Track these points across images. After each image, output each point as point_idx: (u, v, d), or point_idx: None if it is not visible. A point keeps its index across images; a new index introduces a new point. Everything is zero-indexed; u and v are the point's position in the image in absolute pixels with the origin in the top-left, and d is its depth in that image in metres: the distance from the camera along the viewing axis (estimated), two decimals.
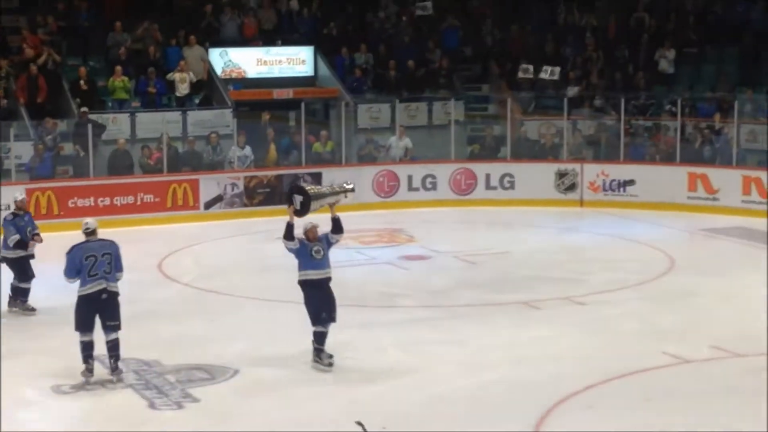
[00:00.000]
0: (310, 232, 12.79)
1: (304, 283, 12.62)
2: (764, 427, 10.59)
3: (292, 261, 12.90)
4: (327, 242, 12.84)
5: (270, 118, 25.63)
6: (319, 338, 12.54)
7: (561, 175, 24.82)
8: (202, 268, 18.76)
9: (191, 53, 26.27)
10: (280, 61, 28.23)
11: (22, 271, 15.17)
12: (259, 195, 23.76)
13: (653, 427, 10.70)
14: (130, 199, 22.73)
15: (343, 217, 21.22)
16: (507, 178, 24.92)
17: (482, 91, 29.48)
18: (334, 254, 13.20)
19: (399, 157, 25.25)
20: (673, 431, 10.60)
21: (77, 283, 12.05)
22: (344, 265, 18.07)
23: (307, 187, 13.34)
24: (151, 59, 26.07)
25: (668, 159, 24.65)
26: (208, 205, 23.14)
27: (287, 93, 27.67)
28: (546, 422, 10.84)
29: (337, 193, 13.26)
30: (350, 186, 13.52)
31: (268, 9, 28.97)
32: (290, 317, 13.54)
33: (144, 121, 24.83)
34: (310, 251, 12.61)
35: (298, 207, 12.84)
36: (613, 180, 24.48)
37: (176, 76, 25.59)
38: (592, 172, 24.66)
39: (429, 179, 24.94)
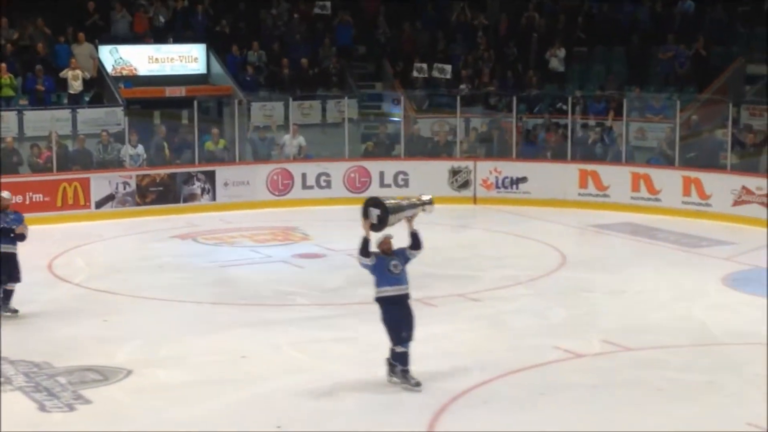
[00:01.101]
0: (385, 245, 12.02)
1: (381, 300, 11.93)
2: (657, 418, 10.82)
3: (186, 260, 12.80)
4: (404, 258, 12.11)
5: (162, 117, 25.40)
6: (402, 359, 11.81)
7: (454, 172, 25.01)
8: (93, 268, 18.46)
9: (80, 50, 25.87)
10: (172, 59, 28.00)
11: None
12: (152, 193, 23.50)
13: (548, 422, 10.82)
14: (19, 199, 22.17)
15: (237, 215, 21.27)
16: (401, 176, 25.02)
17: (376, 89, 29.57)
18: (227, 253, 13.11)
19: (293, 155, 25.17)
20: (568, 425, 10.72)
21: None
22: (238, 264, 17.99)
23: (385, 200, 12.17)
24: (38, 56, 25.60)
25: (560, 157, 24.99)
26: (100, 204, 22.82)
27: (180, 91, 27.43)
28: (441, 419, 10.89)
29: (415, 206, 12.25)
30: (428, 198, 12.40)
31: (159, 5, 28.66)
32: (183, 316, 13.40)
33: (32, 119, 24.37)
34: (387, 266, 11.92)
35: (374, 221, 11.95)
36: (506, 177, 24.74)
37: (69, 73, 25.16)
38: (485, 169, 24.90)
39: (323, 177, 24.93)
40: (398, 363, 11.78)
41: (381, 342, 13.56)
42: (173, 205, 23.60)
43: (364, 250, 11.89)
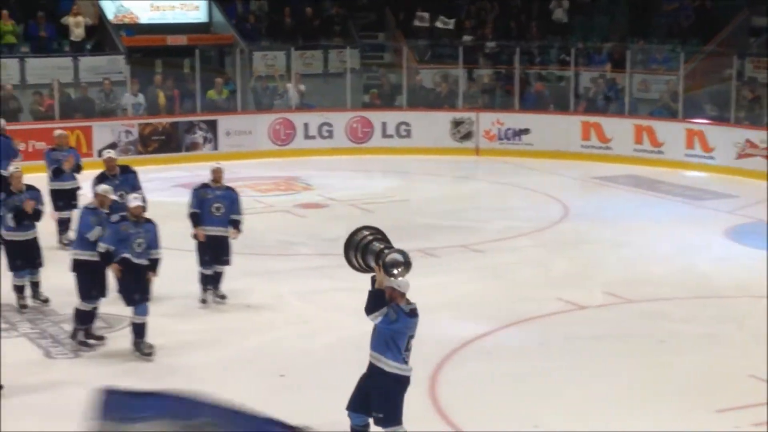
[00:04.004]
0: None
1: None
2: (659, 370, 10.88)
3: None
4: None
5: (164, 65, 25.32)
6: None
7: (457, 123, 24.97)
8: None
9: None
10: (173, 7, 27.82)
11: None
12: (154, 142, 23.49)
13: (550, 373, 10.88)
14: (21, 146, 22.21)
15: (239, 165, 21.27)
16: (403, 127, 24.99)
17: (378, 39, 29.43)
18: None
19: (295, 104, 25.12)
20: (570, 376, 10.78)
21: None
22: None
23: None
24: (40, 3, 25.46)
25: (562, 108, 24.93)
26: (102, 152, 22.73)
27: (181, 40, 27.26)
28: (444, 369, 10.96)
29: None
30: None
31: None
32: (186, 266, 13.34)
33: (34, 67, 24.29)
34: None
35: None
36: (509, 129, 24.70)
37: (70, 20, 25.04)
38: (487, 120, 24.85)
39: (325, 127, 24.89)
40: None
41: None
42: (175, 153, 23.60)
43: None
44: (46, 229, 14.04)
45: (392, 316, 8.48)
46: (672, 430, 9.43)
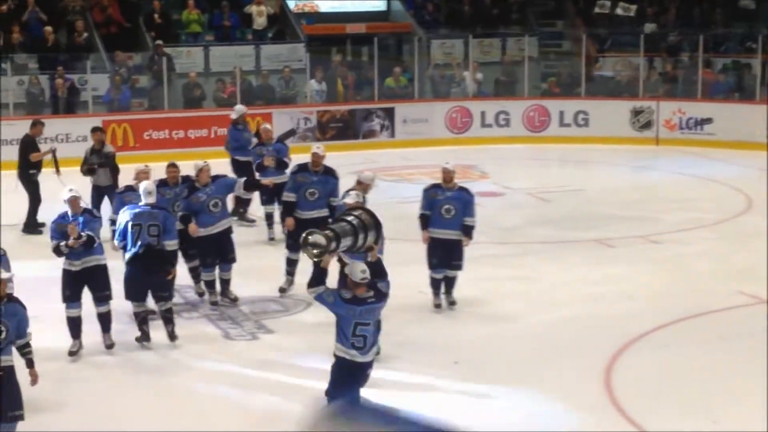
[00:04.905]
0: None
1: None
2: None
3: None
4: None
5: (342, 53, 25.61)
6: None
7: (636, 112, 24.53)
8: None
9: None
10: None
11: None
12: (332, 129, 23.80)
13: (729, 368, 10.58)
14: (204, 132, 22.88)
15: (415, 152, 21.30)
16: (581, 116, 24.69)
17: (557, 27, 29.14)
18: (405, 190, 13.10)
19: (472, 93, 25.09)
20: (748, 373, 10.46)
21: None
22: (416, 201, 18.01)
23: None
24: None
25: (747, 97, 24.21)
26: (281, 138, 23.03)
27: (360, 28, 27.54)
28: (619, 360, 10.77)
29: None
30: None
31: None
32: None
33: (218, 55, 24.93)
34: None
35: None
36: (690, 118, 24.13)
37: (254, 9, 25.57)
38: (668, 109, 24.32)
39: (502, 116, 24.79)
40: None
41: (560, 282, 13.56)
42: (352, 141, 23.86)
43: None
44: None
45: (328, 298, 8.45)
46: None
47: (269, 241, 15.42)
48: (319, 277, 8.44)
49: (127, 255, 11.20)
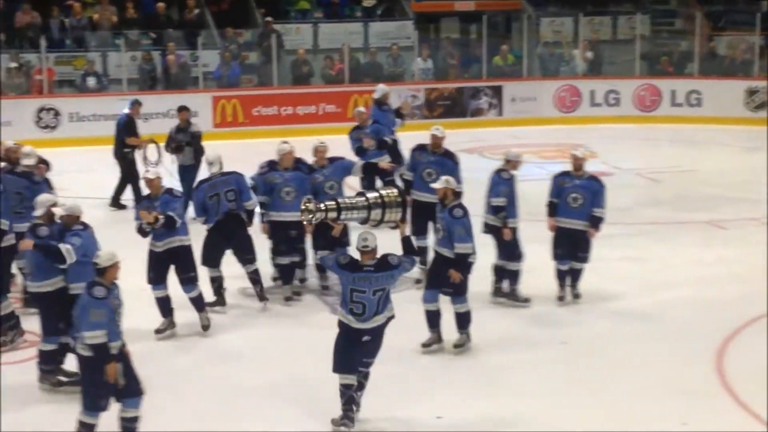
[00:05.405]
0: None
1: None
2: None
3: (471, 174, 12.83)
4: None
5: (451, 31, 25.52)
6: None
7: (751, 92, 24.02)
8: None
9: None
10: None
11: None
12: (440, 107, 23.76)
13: None
14: (312, 109, 23.02)
15: (523, 131, 21.09)
16: (694, 95, 24.27)
17: (670, 4, 28.68)
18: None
19: (581, 71, 24.82)
20: None
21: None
22: (524, 179, 17.86)
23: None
24: None
25: None
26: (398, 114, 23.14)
27: (469, 5, 27.39)
28: (731, 344, 10.59)
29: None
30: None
31: None
32: None
33: (326, 32, 25.04)
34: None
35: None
36: None
37: None
38: None
39: (612, 95, 24.50)
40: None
41: (671, 263, 13.36)
42: (460, 119, 23.77)
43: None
44: None
45: (328, 261, 8.96)
46: None
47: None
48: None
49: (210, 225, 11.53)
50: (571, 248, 11.87)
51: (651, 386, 9.66)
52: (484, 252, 11.64)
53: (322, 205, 8.82)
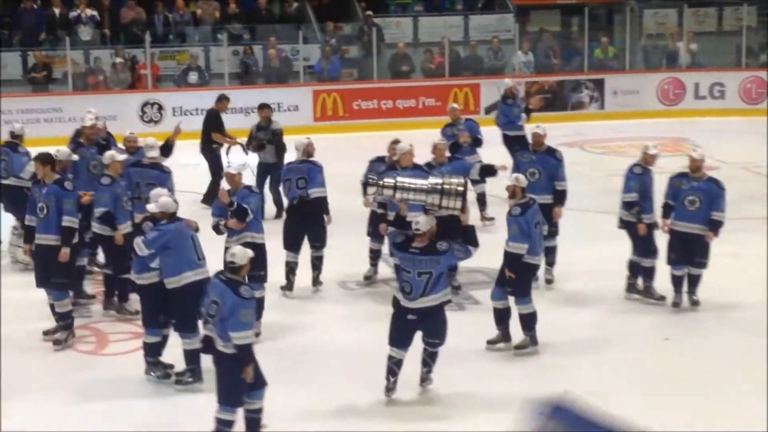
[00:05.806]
0: None
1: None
2: None
3: (572, 168, 12.69)
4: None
5: (552, 23, 25.31)
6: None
7: None
8: None
9: None
10: None
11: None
12: (540, 100, 23.50)
13: None
14: (412, 103, 23.02)
15: (625, 125, 20.86)
16: None
17: None
18: (613, 162, 12.83)
19: (685, 64, 24.44)
20: None
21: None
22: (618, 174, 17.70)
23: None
24: None
25: None
26: (489, 109, 23.03)
27: None
28: None
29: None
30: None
31: None
32: (567, 224, 13.19)
33: (426, 25, 25.02)
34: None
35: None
36: None
37: None
38: None
39: (717, 88, 24.11)
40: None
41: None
42: (561, 112, 23.58)
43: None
44: None
45: (389, 238, 9.51)
46: None
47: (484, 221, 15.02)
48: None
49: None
50: (686, 253, 11.51)
51: (743, 382, 9.55)
52: (618, 247, 11.72)
53: (380, 182, 9.33)
